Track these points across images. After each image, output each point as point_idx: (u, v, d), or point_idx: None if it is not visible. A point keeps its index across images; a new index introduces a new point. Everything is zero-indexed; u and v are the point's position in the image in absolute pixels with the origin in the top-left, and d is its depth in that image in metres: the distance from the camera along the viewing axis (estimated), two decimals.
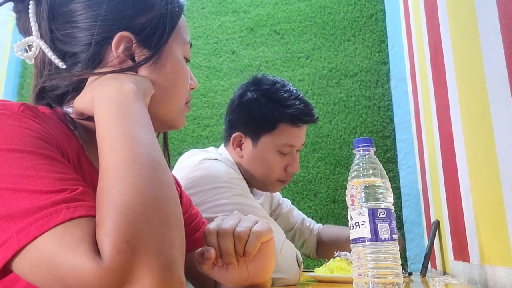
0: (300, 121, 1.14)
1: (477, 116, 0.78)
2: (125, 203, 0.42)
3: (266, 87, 1.16)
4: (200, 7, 2.32)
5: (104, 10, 0.58)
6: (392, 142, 1.88)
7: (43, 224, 0.40)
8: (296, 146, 1.17)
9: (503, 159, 0.65)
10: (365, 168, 0.61)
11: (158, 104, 0.62)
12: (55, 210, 0.41)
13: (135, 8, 0.60)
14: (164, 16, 0.62)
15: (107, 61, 0.59)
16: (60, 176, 0.45)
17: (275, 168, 1.14)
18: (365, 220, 0.58)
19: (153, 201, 0.43)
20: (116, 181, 0.44)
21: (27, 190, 0.42)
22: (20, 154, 0.44)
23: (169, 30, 0.62)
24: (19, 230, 0.41)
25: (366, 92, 1.97)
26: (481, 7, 0.72)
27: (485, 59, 0.71)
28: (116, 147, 0.47)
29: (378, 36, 2.02)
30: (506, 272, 0.65)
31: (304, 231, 1.42)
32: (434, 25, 1.17)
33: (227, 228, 0.59)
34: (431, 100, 1.30)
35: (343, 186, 1.84)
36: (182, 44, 0.66)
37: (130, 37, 0.59)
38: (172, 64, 0.64)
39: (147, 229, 0.41)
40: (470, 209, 0.88)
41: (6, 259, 0.41)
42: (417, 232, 1.75)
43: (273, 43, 2.15)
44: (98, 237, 0.41)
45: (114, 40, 0.59)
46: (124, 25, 0.59)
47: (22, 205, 0.41)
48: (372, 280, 0.56)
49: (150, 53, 0.60)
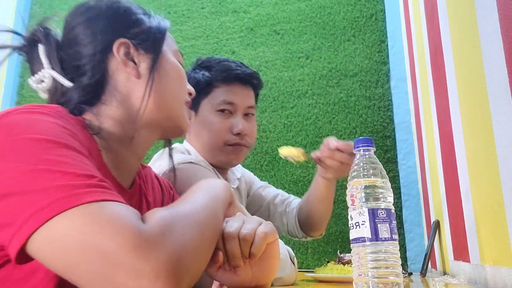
0: (231, 76, 1.14)
1: (477, 116, 0.78)
2: (187, 215, 0.50)
3: (199, 62, 1.20)
4: (200, 7, 2.32)
5: (101, 26, 0.68)
6: (392, 142, 1.88)
7: (76, 199, 0.44)
8: (237, 104, 1.14)
9: (503, 159, 0.65)
10: (365, 168, 0.61)
11: (164, 107, 0.69)
12: (88, 190, 0.45)
13: (127, 22, 0.70)
14: (153, 27, 0.71)
15: (111, 66, 0.67)
16: (91, 169, 0.49)
17: (217, 129, 1.11)
18: (365, 220, 0.58)
19: (202, 229, 0.52)
20: (190, 207, 0.54)
21: (62, 171, 0.46)
22: (56, 145, 0.49)
23: (160, 37, 0.71)
24: (52, 201, 0.43)
25: (366, 92, 1.97)
26: (481, 7, 0.72)
27: (485, 59, 0.71)
28: (200, 200, 0.57)
29: (378, 36, 2.02)
30: (506, 272, 0.65)
31: (277, 205, 1.31)
32: (434, 25, 1.17)
33: (232, 231, 0.59)
34: (431, 100, 1.30)
35: (343, 186, 1.84)
36: (174, 51, 0.75)
37: (127, 43, 0.68)
38: (171, 67, 0.72)
39: (189, 236, 0.48)
40: (470, 209, 0.88)
41: (37, 226, 0.43)
42: (417, 232, 1.75)
43: (273, 43, 2.15)
44: (149, 217, 0.46)
45: (114, 45, 0.67)
46: (120, 34, 0.68)
47: (56, 182, 0.45)
48: (372, 280, 0.56)
49: (148, 55, 0.69)
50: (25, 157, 0.47)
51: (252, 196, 1.33)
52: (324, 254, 1.82)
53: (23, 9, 2.56)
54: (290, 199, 1.33)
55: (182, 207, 0.53)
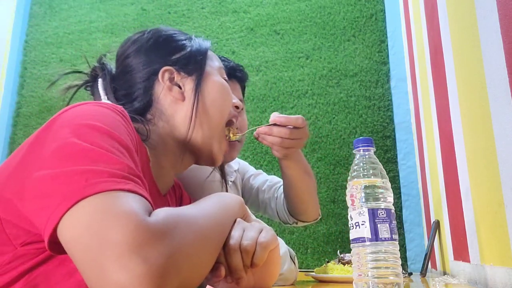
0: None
1: (477, 116, 0.78)
2: (193, 221, 0.50)
3: None
4: (200, 7, 2.32)
5: (146, 56, 0.75)
6: (392, 142, 1.88)
7: (111, 185, 0.46)
8: None
9: (503, 159, 0.65)
10: (365, 168, 0.61)
11: (208, 126, 0.74)
12: (117, 180, 0.47)
13: (170, 49, 0.77)
14: (194, 50, 0.77)
15: (157, 91, 0.74)
16: (133, 164, 0.52)
17: None
18: (365, 220, 0.58)
19: (205, 237, 0.52)
20: (201, 215, 0.54)
21: (107, 155, 0.49)
22: (112, 137, 0.53)
23: (201, 59, 0.77)
24: (83, 186, 0.45)
25: (366, 92, 1.97)
26: (481, 7, 0.72)
27: (485, 59, 0.71)
28: (212, 211, 0.58)
29: (378, 36, 2.02)
30: (506, 272, 0.65)
31: (265, 191, 1.23)
32: (434, 25, 1.17)
33: (233, 244, 0.58)
34: (431, 100, 1.30)
35: (343, 186, 1.84)
36: (218, 69, 0.79)
37: (171, 69, 0.75)
38: (214, 85, 0.76)
39: (190, 241, 0.48)
40: (470, 209, 0.88)
41: (66, 209, 0.44)
42: (417, 232, 1.75)
43: (273, 43, 2.15)
44: (155, 216, 0.46)
45: (160, 73, 0.74)
46: (164, 61, 0.75)
47: (96, 164, 0.47)
48: (372, 280, 0.56)
49: (191, 77, 0.75)
50: (80, 136, 0.50)
51: (243, 186, 1.28)
52: (324, 254, 1.82)
53: (23, 9, 2.56)
54: (279, 184, 1.24)
55: (189, 210, 0.53)
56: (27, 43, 2.53)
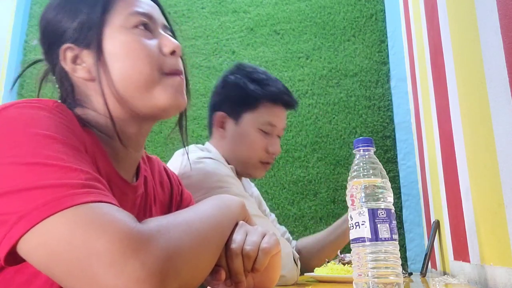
0: (280, 99, 1.19)
1: (477, 116, 0.78)
2: (188, 227, 0.49)
3: (249, 69, 1.22)
4: (200, 7, 2.32)
5: (46, 42, 0.68)
6: (392, 142, 1.88)
7: (69, 200, 0.43)
8: (277, 127, 1.19)
9: (503, 159, 0.65)
10: (365, 168, 0.61)
11: (127, 96, 0.64)
12: (82, 191, 0.44)
13: (60, 22, 0.66)
14: (86, 11, 0.64)
15: (70, 74, 0.65)
16: (86, 165, 0.49)
17: (257, 147, 1.16)
18: (365, 220, 0.58)
19: (204, 242, 0.51)
20: (197, 218, 0.53)
21: (58, 167, 0.46)
22: (54, 140, 0.49)
23: (96, 19, 0.64)
24: (45, 202, 0.43)
25: (366, 92, 1.96)
26: (481, 7, 0.72)
27: (485, 59, 0.71)
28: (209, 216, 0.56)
29: (378, 36, 2.02)
30: (506, 272, 0.64)
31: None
32: (434, 25, 1.17)
33: (235, 248, 0.57)
34: (431, 100, 1.29)
35: (343, 186, 1.84)
36: (126, 20, 0.65)
37: (71, 46, 0.64)
38: (118, 46, 0.64)
39: (185, 246, 0.47)
40: (470, 209, 0.88)
41: (29, 227, 0.42)
42: (417, 232, 1.74)
43: (273, 43, 2.15)
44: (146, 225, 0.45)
45: (60, 55, 0.65)
46: (64, 39, 0.65)
47: (51, 180, 0.44)
48: (372, 280, 0.56)
49: (90, 49, 0.63)
50: (21, 152, 0.47)
51: None
52: None
53: (23, 9, 2.56)
54: (291, 238, 1.40)
55: (185, 214, 0.52)
56: (27, 43, 2.53)
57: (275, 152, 1.19)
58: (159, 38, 0.67)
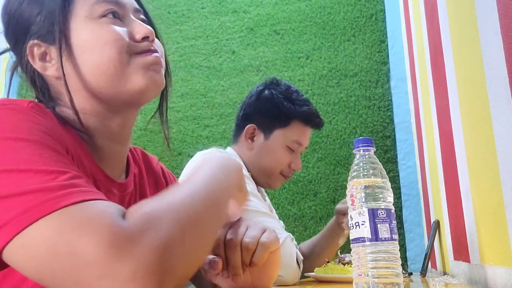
0: (311, 121, 1.25)
1: (477, 116, 0.78)
2: (178, 208, 0.44)
3: (284, 87, 1.27)
4: (200, 7, 2.32)
5: (11, 41, 0.64)
6: (392, 142, 1.88)
7: (52, 204, 0.41)
8: (303, 146, 1.25)
9: (503, 159, 0.65)
10: (365, 168, 0.61)
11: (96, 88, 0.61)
12: (64, 192, 0.42)
13: (28, 12, 0.61)
14: (47, 5, 0.60)
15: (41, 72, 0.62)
16: (64, 165, 0.46)
17: (282, 162, 1.22)
18: (365, 220, 0.58)
19: (197, 221, 0.46)
20: (186, 195, 0.47)
21: (34, 172, 0.43)
22: (27, 143, 0.46)
23: (59, 11, 0.59)
24: (25, 210, 0.41)
25: (366, 92, 1.97)
26: (481, 7, 0.72)
27: (485, 59, 0.71)
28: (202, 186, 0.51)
29: (378, 36, 2.02)
30: (506, 272, 0.65)
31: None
32: (434, 25, 1.17)
33: (234, 239, 0.57)
34: (431, 100, 1.30)
35: (343, 186, 1.84)
36: (91, 10, 0.60)
37: (37, 43, 0.60)
38: (84, 39, 0.60)
39: (177, 232, 0.43)
40: (470, 209, 0.88)
41: (13, 235, 0.40)
42: (417, 232, 1.75)
43: (273, 43, 2.15)
44: (132, 212, 0.42)
45: (27, 52, 0.61)
46: (29, 36, 0.61)
47: (30, 186, 0.42)
48: (372, 280, 0.56)
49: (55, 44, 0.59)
50: None
51: None
52: None
53: None
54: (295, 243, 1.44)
55: (176, 196, 0.47)
56: None
57: (297, 169, 1.25)
58: (130, 25, 0.62)
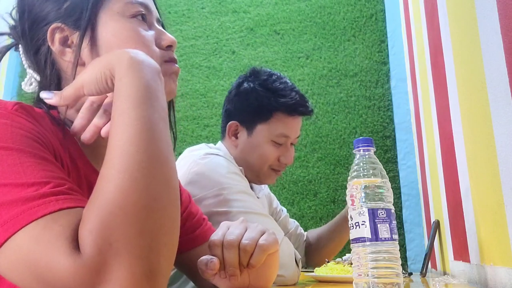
0: (295, 111, 1.15)
1: (477, 116, 0.78)
2: (118, 202, 0.39)
3: (263, 77, 1.17)
4: (200, 7, 2.32)
5: (29, 20, 0.60)
6: (392, 142, 1.88)
7: (21, 219, 0.39)
8: (291, 138, 1.17)
9: (503, 159, 0.65)
10: (365, 168, 0.61)
11: None
12: (33, 205, 0.40)
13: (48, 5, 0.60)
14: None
15: (57, 58, 0.61)
16: (47, 174, 0.44)
17: (269, 158, 1.14)
18: (365, 220, 0.58)
19: (149, 202, 0.41)
20: (117, 172, 0.41)
21: (11, 184, 0.41)
22: (8, 152, 0.44)
23: (96, 3, 0.60)
24: (4, 221, 0.39)
25: (366, 92, 1.97)
26: (481, 7, 0.72)
27: (485, 59, 0.71)
28: (130, 130, 0.44)
29: (378, 36, 2.02)
30: (506, 272, 0.65)
31: (298, 237, 1.39)
32: (434, 25, 1.17)
33: (232, 239, 0.57)
34: (431, 100, 1.29)
35: (343, 186, 1.84)
36: (123, 7, 0.61)
37: (61, 26, 0.60)
38: (112, 33, 0.60)
39: (135, 232, 0.39)
40: (470, 209, 0.88)
41: None
42: (417, 232, 1.75)
43: (273, 43, 2.15)
44: (81, 233, 0.39)
45: (48, 35, 0.59)
46: (55, 17, 0.60)
47: (4, 198, 0.41)
48: (372, 280, 0.56)
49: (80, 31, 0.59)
50: None
51: (274, 217, 1.36)
52: None
53: None
54: (302, 231, 1.42)
55: (108, 185, 0.41)
56: None
57: (288, 162, 1.17)
58: (155, 31, 0.65)
